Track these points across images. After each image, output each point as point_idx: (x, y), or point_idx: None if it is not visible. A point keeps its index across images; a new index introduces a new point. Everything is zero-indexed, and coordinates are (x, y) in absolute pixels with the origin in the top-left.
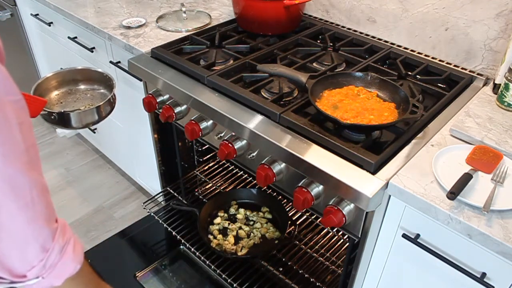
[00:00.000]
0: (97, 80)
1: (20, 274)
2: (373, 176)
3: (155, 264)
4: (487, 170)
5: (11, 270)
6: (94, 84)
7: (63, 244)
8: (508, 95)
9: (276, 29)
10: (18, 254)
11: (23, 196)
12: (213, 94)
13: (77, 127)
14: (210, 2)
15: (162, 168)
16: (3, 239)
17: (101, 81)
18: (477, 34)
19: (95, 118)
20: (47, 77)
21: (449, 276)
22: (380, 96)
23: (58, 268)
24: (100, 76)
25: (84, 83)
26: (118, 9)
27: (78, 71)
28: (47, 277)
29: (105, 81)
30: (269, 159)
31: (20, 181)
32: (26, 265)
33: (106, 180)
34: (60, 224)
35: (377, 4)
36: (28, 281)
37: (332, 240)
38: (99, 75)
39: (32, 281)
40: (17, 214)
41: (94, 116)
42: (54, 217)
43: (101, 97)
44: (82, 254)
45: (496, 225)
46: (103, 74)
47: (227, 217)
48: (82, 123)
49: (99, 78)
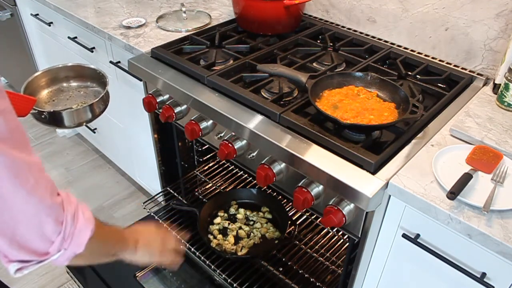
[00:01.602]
0: (90, 77)
1: (43, 252)
2: (373, 176)
3: (155, 264)
4: (487, 170)
5: (35, 251)
6: (87, 81)
7: (73, 212)
8: (508, 95)
9: (276, 29)
10: (37, 235)
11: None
12: (213, 94)
13: (70, 126)
14: (210, 2)
15: (162, 168)
16: (21, 224)
17: (94, 78)
18: (477, 34)
19: (89, 117)
20: (37, 75)
21: (449, 276)
22: (380, 96)
23: (76, 236)
24: (93, 73)
25: (76, 80)
26: (118, 9)
27: (69, 68)
28: (69, 248)
29: (98, 78)
30: (269, 159)
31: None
32: (47, 242)
33: (106, 180)
34: (63, 195)
35: (377, 4)
36: (52, 256)
37: (332, 240)
38: (92, 71)
39: (55, 256)
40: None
41: (88, 114)
42: (56, 190)
43: (94, 95)
44: (92, 216)
45: (496, 225)
46: (95, 70)
47: (227, 217)
48: (74, 122)
49: (91, 75)
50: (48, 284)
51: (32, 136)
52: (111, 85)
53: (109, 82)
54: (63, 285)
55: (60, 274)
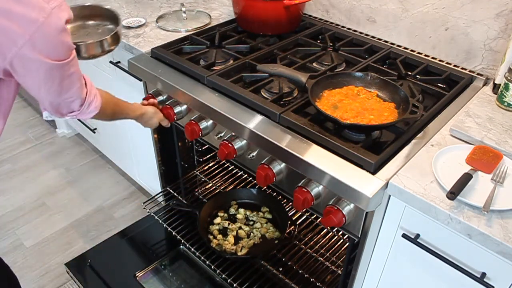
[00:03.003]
0: (105, 16)
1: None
2: (373, 176)
3: (155, 264)
4: (487, 170)
5: (62, 113)
6: (104, 21)
7: (91, 100)
8: (508, 95)
9: (276, 29)
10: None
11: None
12: (213, 94)
13: (84, 58)
14: (210, 2)
15: (162, 168)
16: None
17: (109, 17)
18: (477, 34)
19: (100, 51)
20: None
21: (449, 276)
22: (380, 96)
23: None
24: (108, 13)
25: (94, 19)
26: (118, 9)
27: (88, 8)
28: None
29: (113, 18)
30: (269, 159)
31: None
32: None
33: (106, 180)
34: (88, 82)
35: (377, 4)
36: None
37: (332, 240)
38: (107, 11)
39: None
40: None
41: (99, 48)
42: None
43: (109, 32)
44: (100, 99)
45: (496, 225)
46: (110, 10)
47: (227, 217)
48: (89, 54)
49: (107, 15)
50: (48, 284)
51: (32, 136)
52: (111, 85)
53: (121, 21)
54: (63, 285)
55: (60, 274)
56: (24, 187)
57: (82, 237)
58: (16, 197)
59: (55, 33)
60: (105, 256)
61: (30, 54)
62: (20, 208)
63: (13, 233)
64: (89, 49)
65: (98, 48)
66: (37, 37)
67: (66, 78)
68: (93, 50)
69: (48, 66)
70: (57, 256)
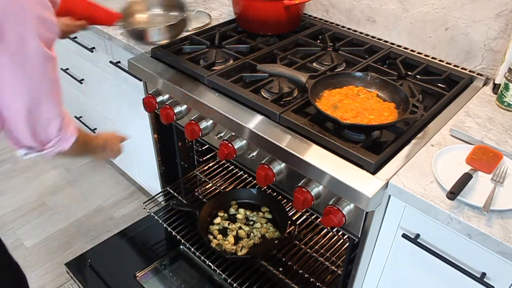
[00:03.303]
0: (177, 7)
1: (45, 143)
2: (373, 176)
3: (155, 264)
4: (487, 170)
5: (41, 142)
6: (175, 11)
7: (68, 123)
8: (508, 95)
9: (276, 29)
10: (47, 130)
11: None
12: (213, 94)
13: (148, 43)
14: (210, 2)
15: (162, 168)
16: (42, 120)
17: (177, 6)
18: (477, 34)
19: (166, 36)
20: (132, 1)
21: (449, 276)
22: (380, 96)
23: (65, 140)
24: (176, 2)
25: (163, 8)
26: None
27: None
28: (58, 146)
29: (180, 7)
30: (269, 159)
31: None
32: (49, 137)
33: (106, 180)
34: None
35: (377, 4)
36: (47, 149)
37: (332, 240)
38: (176, 2)
39: (49, 150)
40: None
41: (160, 36)
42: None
43: (175, 19)
44: (75, 129)
45: (496, 225)
46: (181, 1)
47: (227, 217)
48: (153, 39)
49: (178, 5)
50: (48, 284)
51: None
52: (111, 85)
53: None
54: (63, 285)
55: (60, 274)
56: (24, 187)
57: (82, 237)
58: (16, 197)
59: (32, 4)
60: (105, 256)
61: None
62: (20, 208)
63: (13, 233)
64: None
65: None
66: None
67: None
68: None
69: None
70: (57, 256)
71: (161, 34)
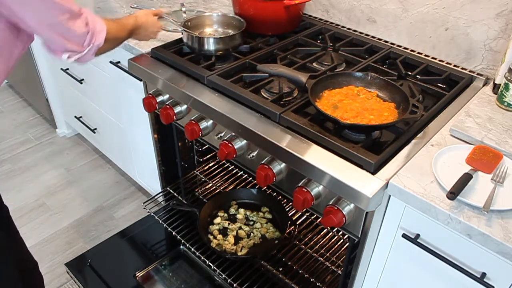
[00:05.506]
0: (230, 24)
1: (81, 45)
2: (373, 176)
3: (155, 264)
4: (487, 170)
5: (78, 43)
6: (230, 29)
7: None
8: (508, 95)
9: (276, 29)
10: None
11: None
12: (213, 94)
13: (205, 50)
14: (210, 2)
15: (162, 168)
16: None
17: (234, 25)
18: (477, 34)
19: (221, 46)
20: (203, 16)
21: (449, 276)
22: (380, 96)
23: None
24: (233, 20)
25: (222, 26)
26: (118, 9)
27: (220, 16)
28: (94, 43)
29: (238, 24)
30: (269, 159)
31: None
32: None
33: (106, 180)
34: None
35: (377, 4)
36: (86, 49)
37: (332, 240)
38: (233, 19)
39: (87, 49)
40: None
41: (214, 46)
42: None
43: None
44: (103, 24)
45: (496, 225)
46: (235, 18)
47: (227, 217)
48: (209, 47)
49: (230, 22)
50: (48, 284)
51: (32, 136)
52: (111, 85)
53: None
54: (63, 285)
55: (60, 274)
56: (24, 187)
57: (82, 237)
58: (16, 197)
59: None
60: (105, 256)
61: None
62: (20, 208)
63: None
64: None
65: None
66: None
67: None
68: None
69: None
70: (57, 256)
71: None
